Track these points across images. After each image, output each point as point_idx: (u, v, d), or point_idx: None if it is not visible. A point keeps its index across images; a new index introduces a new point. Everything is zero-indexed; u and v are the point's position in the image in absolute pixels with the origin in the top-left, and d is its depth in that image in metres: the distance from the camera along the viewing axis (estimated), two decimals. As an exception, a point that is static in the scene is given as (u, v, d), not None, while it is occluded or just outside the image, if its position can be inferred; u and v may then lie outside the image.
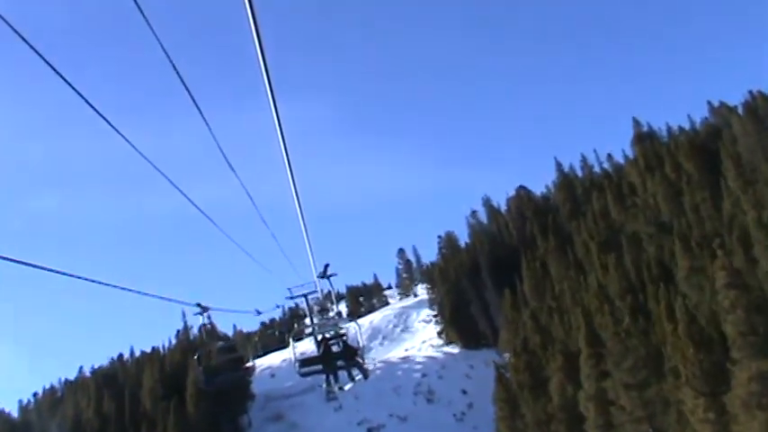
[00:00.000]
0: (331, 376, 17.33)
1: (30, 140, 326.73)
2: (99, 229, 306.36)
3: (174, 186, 7.70)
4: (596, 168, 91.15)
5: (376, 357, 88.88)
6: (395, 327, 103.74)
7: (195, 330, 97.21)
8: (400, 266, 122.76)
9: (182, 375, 74.19)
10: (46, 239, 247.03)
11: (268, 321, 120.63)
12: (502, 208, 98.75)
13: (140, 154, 6.81)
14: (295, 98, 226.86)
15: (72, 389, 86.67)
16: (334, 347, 17.43)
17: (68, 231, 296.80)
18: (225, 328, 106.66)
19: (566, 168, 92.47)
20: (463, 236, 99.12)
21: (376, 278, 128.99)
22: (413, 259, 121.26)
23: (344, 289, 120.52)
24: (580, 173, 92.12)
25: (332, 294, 19.06)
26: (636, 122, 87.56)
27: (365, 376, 17.74)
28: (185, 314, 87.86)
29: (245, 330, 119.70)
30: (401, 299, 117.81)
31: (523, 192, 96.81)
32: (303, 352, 19.15)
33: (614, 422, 37.47)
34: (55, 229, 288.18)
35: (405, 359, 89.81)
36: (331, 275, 16.45)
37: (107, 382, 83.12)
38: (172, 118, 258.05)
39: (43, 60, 4.98)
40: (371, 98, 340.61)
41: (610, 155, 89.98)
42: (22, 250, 5.76)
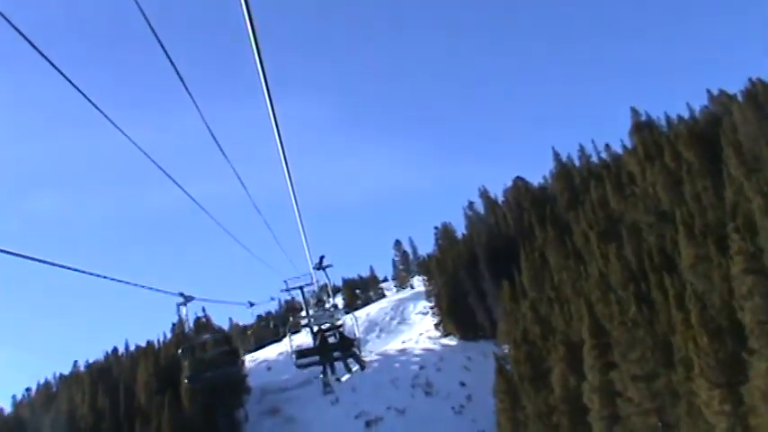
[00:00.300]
0: (328, 368, 17.07)
1: (24, 140, 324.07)
2: (95, 225, 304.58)
3: (171, 179, 7.75)
4: (594, 158, 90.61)
5: (373, 350, 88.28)
6: (392, 319, 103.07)
7: (191, 324, 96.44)
8: (397, 258, 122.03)
9: (176, 369, 73.04)
10: (42, 236, 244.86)
11: (264, 314, 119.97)
12: (499, 199, 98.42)
13: (140, 149, 6.88)
14: (293, 95, 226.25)
15: (66, 383, 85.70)
16: (330, 339, 17.16)
17: (64, 227, 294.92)
18: (221, 322, 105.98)
19: (563, 158, 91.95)
20: (460, 227, 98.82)
21: (372, 270, 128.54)
22: (409, 251, 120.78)
23: (341, 282, 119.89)
24: (578, 163, 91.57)
25: (328, 286, 18.75)
26: (634, 112, 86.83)
27: (362, 367, 17.67)
28: (180, 307, 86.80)
29: (241, 323, 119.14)
30: (398, 291, 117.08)
31: (520, 182, 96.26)
32: (300, 345, 18.69)
33: (621, 414, 36.56)
34: (51, 225, 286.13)
35: (402, 351, 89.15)
36: (327, 267, 16.31)
37: (101, 377, 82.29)
38: (171, 115, 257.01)
39: (43, 57, 4.97)
40: (368, 90, 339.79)
41: (608, 145, 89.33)
42: (19, 247, 5.47)
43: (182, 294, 12.61)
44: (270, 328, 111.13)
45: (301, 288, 18.74)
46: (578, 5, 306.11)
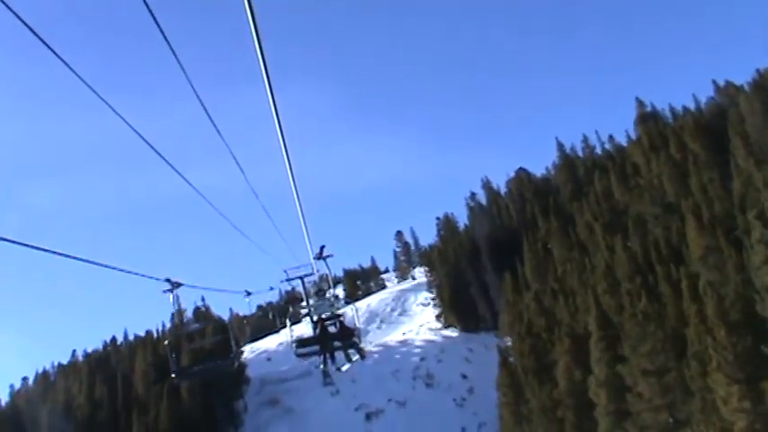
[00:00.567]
0: (328, 357, 16.85)
1: (19, 127, 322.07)
2: (94, 214, 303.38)
3: (172, 168, 7.65)
4: (598, 149, 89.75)
5: (373, 341, 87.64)
6: (392, 310, 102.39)
7: (190, 313, 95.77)
8: (398, 249, 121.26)
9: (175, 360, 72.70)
10: (41, 229, 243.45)
11: (265, 304, 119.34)
12: (502, 190, 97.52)
13: (140, 136, 6.78)
14: (294, 83, 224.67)
15: (64, 373, 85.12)
16: (330, 328, 16.99)
17: (63, 218, 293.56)
18: (220, 312, 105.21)
19: (567, 149, 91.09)
20: (462, 218, 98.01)
21: (373, 261, 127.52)
22: (411, 242, 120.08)
23: (341, 272, 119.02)
24: (581, 154, 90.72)
25: (328, 276, 18.72)
26: (639, 103, 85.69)
27: (362, 356, 17.72)
28: (179, 296, 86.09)
29: (241, 314, 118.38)
30: (399, 282, 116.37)
31: (523, 173, 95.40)
32: (300, 335, 18.32)
33: (631, 410, 35.60)
34: (50, 219, 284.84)
35: (403, 343, 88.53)
36: (327, 257, 16.33)
37: (99, 366, 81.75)
38: (170, 103, 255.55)
39: (42, 43, 4.90)
40: (369, 78, 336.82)
41: (611, 136, 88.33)
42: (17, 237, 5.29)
43: (168, 280, 11.85)
44: (269, 319, 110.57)
45: (302, 278, 18.56)
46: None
